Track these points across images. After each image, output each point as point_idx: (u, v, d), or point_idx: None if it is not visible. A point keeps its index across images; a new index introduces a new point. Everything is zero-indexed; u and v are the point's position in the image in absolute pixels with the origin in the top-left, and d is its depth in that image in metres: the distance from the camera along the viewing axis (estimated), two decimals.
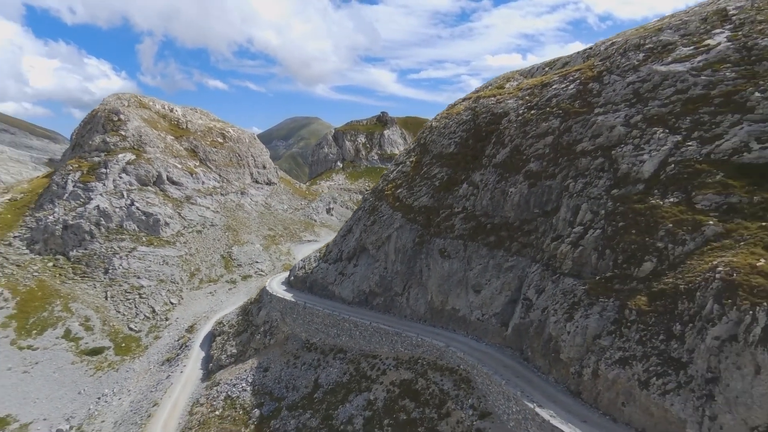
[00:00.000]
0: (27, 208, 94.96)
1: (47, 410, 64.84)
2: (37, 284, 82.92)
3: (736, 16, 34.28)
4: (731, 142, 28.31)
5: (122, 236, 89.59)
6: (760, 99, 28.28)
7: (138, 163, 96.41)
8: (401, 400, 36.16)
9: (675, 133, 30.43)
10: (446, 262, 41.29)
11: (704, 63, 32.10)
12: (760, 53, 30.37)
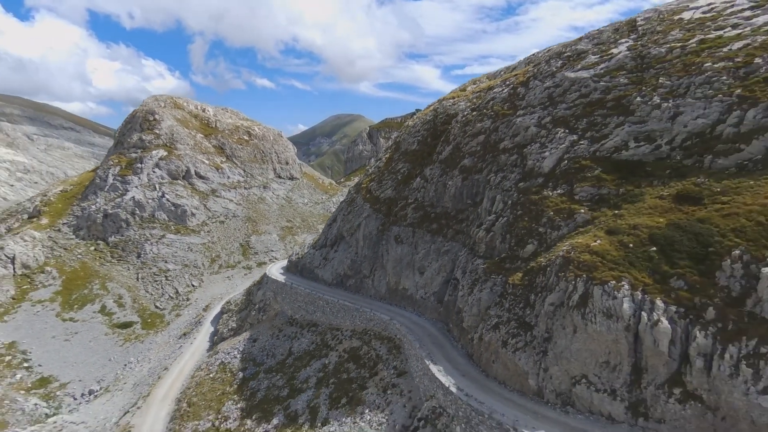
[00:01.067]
0: (75, 198, 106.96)
1: (82, 373, 74.88)
2: (80, 265, 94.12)
3: (641, 26, 37.48)
4: (614, 141, 32.18)
5: (153, 225, 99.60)
6: (640, 103, 31.94)
7: (169, 159, 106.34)
8: (347, 363, 41.92)
9: (573, 132, 34.44)
10: (399, 247, 46.56)
11: (605, 70, 35.71)
12: (650, 61, 33.82)
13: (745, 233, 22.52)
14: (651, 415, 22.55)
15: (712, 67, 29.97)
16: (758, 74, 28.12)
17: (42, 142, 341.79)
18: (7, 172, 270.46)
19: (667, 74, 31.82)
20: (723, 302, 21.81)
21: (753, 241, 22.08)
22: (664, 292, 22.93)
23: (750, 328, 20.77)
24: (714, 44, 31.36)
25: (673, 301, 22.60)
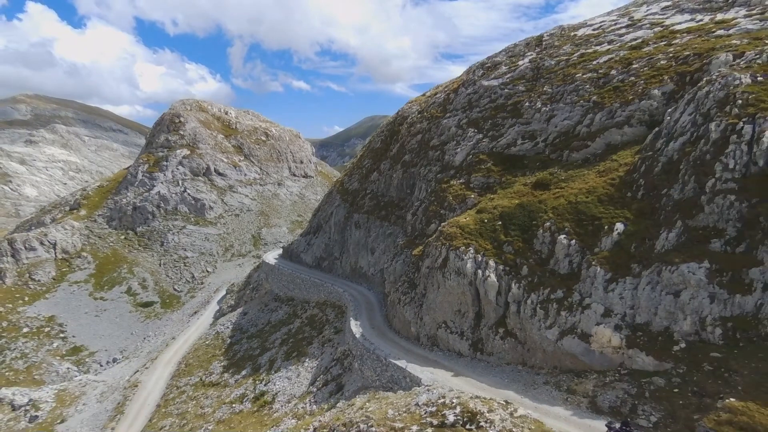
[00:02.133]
0: (110, 193, 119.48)
1: (108, 344, 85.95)
2: (111, 252, 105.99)
3: (546, 41, 43.45)
4: (506, 139, 38.66)
5: (176, 217, 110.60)
6: (528, 107, 38.27)
7: (191, 158, 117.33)
8: (305, 327, 49.79)
9: (480, 132, 41.01)
10: (358, 232, 54.04)
11: (510, 79, 41.99)
12: (542, 72, 39.95)
13: (557, 210, 28.94)
14: (485, 350, 29.28)
15: (581, 78, 36.05)
16: (611, 84, 34.13)
17: (93, 143, 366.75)
18: (61, 171, 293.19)
19: (550, 83, 38.02)
20: (534, 262, 28.36)
21: (560, 216, 28.50)
22: (497, 255, 29.58)
23: (547, 281, 27.29)
24: (588, 58, 37.35)
25: (502, 262, 29.24)
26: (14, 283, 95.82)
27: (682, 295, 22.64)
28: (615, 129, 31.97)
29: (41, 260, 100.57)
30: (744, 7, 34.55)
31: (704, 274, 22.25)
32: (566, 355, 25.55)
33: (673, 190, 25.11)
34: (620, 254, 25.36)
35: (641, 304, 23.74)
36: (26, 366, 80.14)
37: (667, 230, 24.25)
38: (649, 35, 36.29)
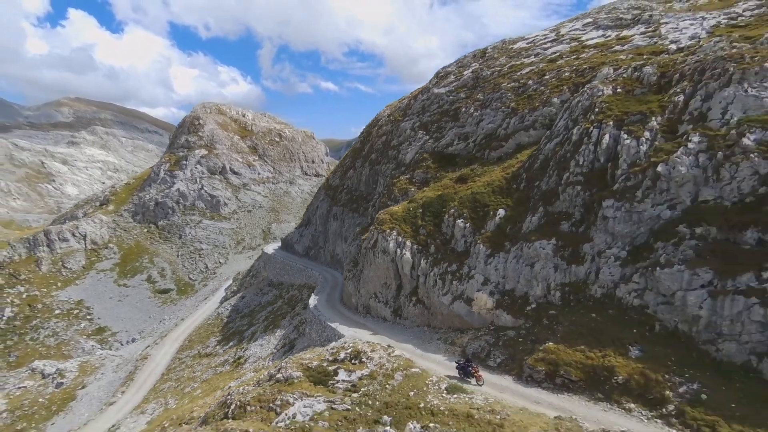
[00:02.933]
0: (135, 189, 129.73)
1: (128, 326, 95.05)
2: (135, 243, 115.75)
3: (489, 54, 48.80)
4: (446, 140, 44.45)
5: (193, 212, 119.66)
6: (464, 112, 43.95)
7: (209, 157, 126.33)
8: (284, 305, 56.65)
9: (428, 134, 46.88)
10: (335, 223, 60.59)
11: (455, 87, 47.63)
12: (479, 81, 45.48)
13: (462, 200, 34.72)
14: (402, 315, 35.33)
15: (506, 86, 41.53)
16: (527, 93, 39.54)
17: (129, 144, 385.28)
18: (100, 170, 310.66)
19: (483, 91, 43.58)
20: (440, 242, 34.25)
21: (462, 204, 34.29)
22: (413, 237, 35.56)
23: (447, 257, 33.16)
24: (515, 69, 42.74)
25: (416, 242, 35.22)
26: (49, 270, 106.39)
27: (536, 266, 28.22)
28: (523, 131, 37.44)
29: (73, 250, 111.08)
30: (644, 24, 39.28)
31: (551, 249, 27.80)
32: (456, 317, 31.39)
33: (542, 182, 30.64)
34: (499, 234, 31.05)
35: (509, 274, 29.40)
36: (57, 343, 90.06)
37: (531, 215, 29.83)
38: (566, 49, 41.39)
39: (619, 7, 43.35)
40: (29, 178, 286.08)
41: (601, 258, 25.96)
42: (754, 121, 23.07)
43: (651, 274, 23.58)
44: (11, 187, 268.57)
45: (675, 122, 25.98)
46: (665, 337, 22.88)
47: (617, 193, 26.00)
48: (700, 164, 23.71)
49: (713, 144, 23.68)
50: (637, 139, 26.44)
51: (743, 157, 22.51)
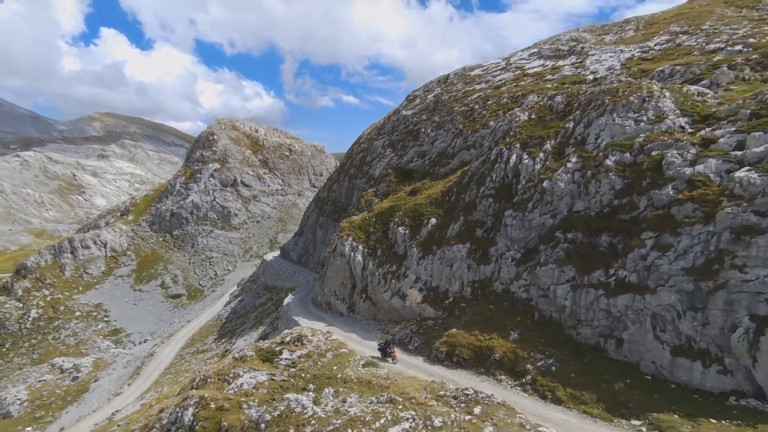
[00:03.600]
0: (153, 201, 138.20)
1: (141, 327, 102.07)
2: (151, 251, 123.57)
3: (450, 79, 54.06)
4: (407, 157, 49.81)
5: (205, 222, 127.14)
6: (423, 132, 49.26)
7: (221, 171, 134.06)
8: (271, 306, 62.33)
9: (394, 151, 52.31)
10: (321, 231, 66.26)
11: (418, 110, 53.01)
12: (438, 104, 50.77)
13: (405, 210, 39.94)
14: (355, 310, 40.54)
15: (457, 110, 46.76)
16: (472, 116, 44.70)
17: (156, 157, 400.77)
18: (128, 182, 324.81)
19: (440, 113, 48.87)
20: (386, 246, 39.48)
21: (405, 214, 39.50)
22: (365, 242, 40.87)
23: (390, 259, 38.36)
24: (467, 94, 47.96)
25: (367, 247, 40.52)
26: (72, 275, 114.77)
27: (454, 266, 33.22)
28: (466, 150, 42.54)
29: (94, 257, 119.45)
30: (575, 56, 44.06)
31: (466, 252, 32.79)
32: (394, 310, 36.48)
33: (466, 195, 35.69)
34: (429, 240, 36.14)
35: (435, 273, 34.44)
36: (76, 342, 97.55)
37: (454, 223, 34.88)
38: (510, 77, 46.43)
39: (561, 39, 48.24)
40: (61, 189, 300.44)
41: (502, 259, 30.84)
42: (616, 145, 27.83)
43: (534, 272, 28.40)
44: (44, 199, 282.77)
45: (563, 145, 30.86)
46: (542, 323, 27.62)
47: (516, 205, 30.94)
48: (575, 181, 28.53)
49: (585, 164, 28.50)
50: (534, 159, 31.39)
51: (605, 175, 27.28)
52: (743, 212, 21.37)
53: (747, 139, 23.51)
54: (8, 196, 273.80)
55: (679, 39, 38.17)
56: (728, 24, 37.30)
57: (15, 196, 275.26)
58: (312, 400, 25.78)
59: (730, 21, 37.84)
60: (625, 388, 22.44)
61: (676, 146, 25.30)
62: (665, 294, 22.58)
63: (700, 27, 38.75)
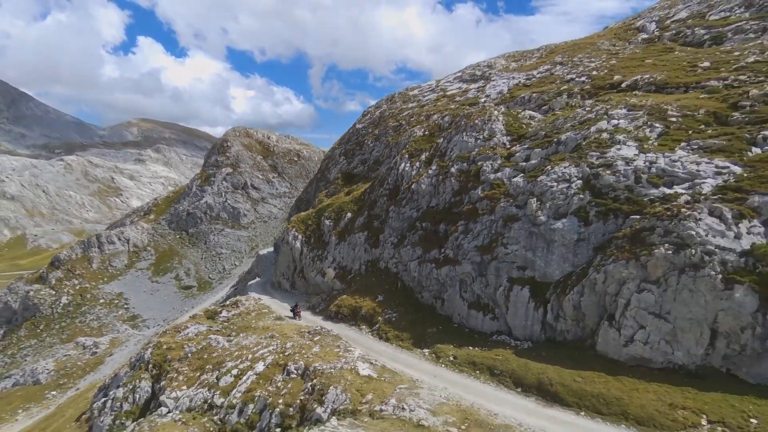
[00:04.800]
0: (172, 201, 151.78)
1: (156, 314, 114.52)
2: (168, 248, 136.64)
3: (395, 98, 63.28)
4: (354, 163, 59.31)
5: (217, 222, 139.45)
6: (366, 143, 58.72)
7: (233, 175, 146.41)
8: None
9: (346, 159, 61.88)
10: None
11: (368, 123, 62.43)
12: (380, 119, 60.09)
13: (333, 206, 49.56)
14: (295, 286, 50.39)
15: (390, 125, 56.09)
16: (399, 130, 53.97)
17: (189, 161, 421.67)
18: (162, 185, 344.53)
19: (379, 127, 58.28)
20: (317, 236, 49.21)
21: (332, 209, 49.11)
22: (304, 232, 50.70)
23: (319, 246, 48.09)
24: (400, 112, 57.20)
25: (305, 236, 50.33)
26: (98, 268, 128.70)
27: (356, 250, 42.68)
28: (389, 158, 51.87)
29: (118, 251, 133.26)
30: (483, 80, 52.67)
31: (364, 239, 42.21)
32: (318, 285, 46.15)
33: (372, 194, 45.11)
34: (344, 230, 45.70)
35: (345, 256, 43.96)
36: (99, 325, 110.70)
37: (361, 216, 44.34)
38: (434, 98, 55.35)
39: (480, 65, 56.88)
40: (101, 192, 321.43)
41: (385, 244, 40.13)
42: (460, 157, 36.82)
43: (400, 252, 37.63)
44: (85, 201, 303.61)
45: (433, 156, 39.97)
46: (402, 290, 36.80)
47: (397, 202, 40.23)
48: (433, 184, 37.65)
49: (440, 171, 37.58)
50: (413, 167, 40.63)
51: (449, 179, 36.31)
52: (510, 206, 30.21)
53: (531, 154, 32.25)
54: (52, 197, 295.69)
55: (554, 69, 46.23)
56: (591, 57, 45.20)
57: (58, 197, 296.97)
58: (227, 340, 35.84)
59: (594, 55, 45.68)
60: (435, 332, 31.46)
61: (491, 158, 34.18)
62: (466, 265, 31.53)
63: (572, 59, 46.72)
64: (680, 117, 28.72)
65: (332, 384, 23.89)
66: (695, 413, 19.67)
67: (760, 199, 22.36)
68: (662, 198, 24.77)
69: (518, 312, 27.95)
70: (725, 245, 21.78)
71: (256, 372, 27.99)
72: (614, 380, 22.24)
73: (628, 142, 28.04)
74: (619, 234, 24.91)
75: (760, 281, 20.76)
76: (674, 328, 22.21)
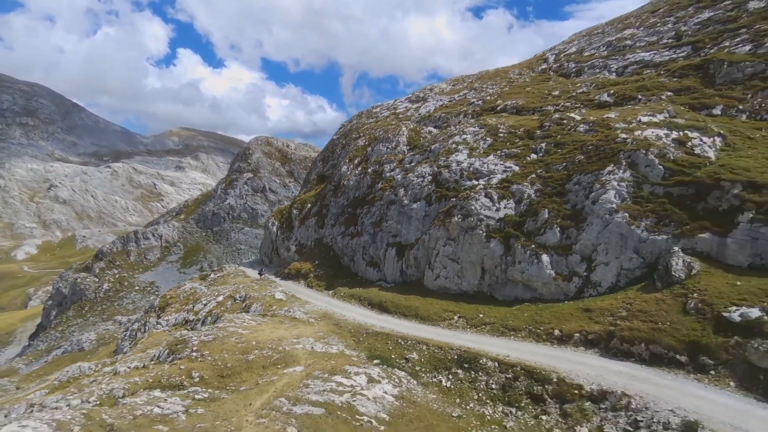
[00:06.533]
0: (201, 203, 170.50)
1: None
2: (195, 243, 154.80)
3: (363, 114, 77.29)
4: (327, 167, 73.83)
5: (238, 221, 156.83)
6: (337, 152, 73.07)
7: (253, 179, 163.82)
8: None
9: (323, 164, 76.44)
10: None
11: (341, 135, 76.69)
12: (349, 132, 74.24)
13: (302, 200, 64.18)
14: (272, 263, 65.16)
15: (352, 136, 70.18)
16: (356, 146, 68.04)
17: (225, 168, 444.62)
18: (200, 191, 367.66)
19: (347, 138, 72.42)
20: (288, 223, 63.94)
21: (299, 202, 63.76)
22: (280, 220, 65.45)
23: (288, 230, 62.81)
24: (363, 125, 71.25)
25: (280, 223, 65.06)
26: (135, 260, 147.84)
27: (309, 231, 57.06)
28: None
29: (152, 246, 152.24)
30: (422, 101, 66.12)
31: (314, 222, 56.58)
32: (285, 259, 60.74)
33: (325, 189, 59.42)
34: (304, 217, 60.14)
35: (303, 236, 58.38)
36: (133, 308, 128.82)
37: (315, 206, 58.71)
38: (387, 114, 69.08)
39: (425, 88, 70.35)
40: (143, 197, 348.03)
41: (327, 225, 54.36)
42: (375, 161, 50.70)
43: (333, 230, 51.81)
44: (129, 205, 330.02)
45: (362, 161, 54.02)
46: (333, 257, 50.84)
47: (336, 194, 54.45)
48: (358, 180, 51.67)
49: (363, 171, 51.59)
50: (349, 168, 54.80)
51: (367, 176, 50.24)
52: (391, 194, 44.01)
53: (414, 158, 45.97)
54: (100, 202, 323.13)
55: (469, 93, 59.08)
56: (494, 84, 57.88)
57: (105, 202, 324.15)
58: (208, 289, 50.85)
59: (498, 82, 58.26)
60: (343, 281, 45.36)
61: (391, 162, 48.03)
62: (366, 236, 45.44)
63: (483, 85, 59.42)
64: (506, 133, 41.85)
65: (255, 302, 38.35)
66: (454, 313, 33.00)
67: (516, 187, 35.51)
68: (470, 187, 38.13)
69: (389, 265, 41.69)
70: (490, 215, 35.06)
71: (216, 301, 42.82)
72: (422, 300, 35.72)
73: (464, 150, 41.43)
74: (442, 210, 38.41)
75: (505, 236, 33.98)
76: (461, 268, 35.54)
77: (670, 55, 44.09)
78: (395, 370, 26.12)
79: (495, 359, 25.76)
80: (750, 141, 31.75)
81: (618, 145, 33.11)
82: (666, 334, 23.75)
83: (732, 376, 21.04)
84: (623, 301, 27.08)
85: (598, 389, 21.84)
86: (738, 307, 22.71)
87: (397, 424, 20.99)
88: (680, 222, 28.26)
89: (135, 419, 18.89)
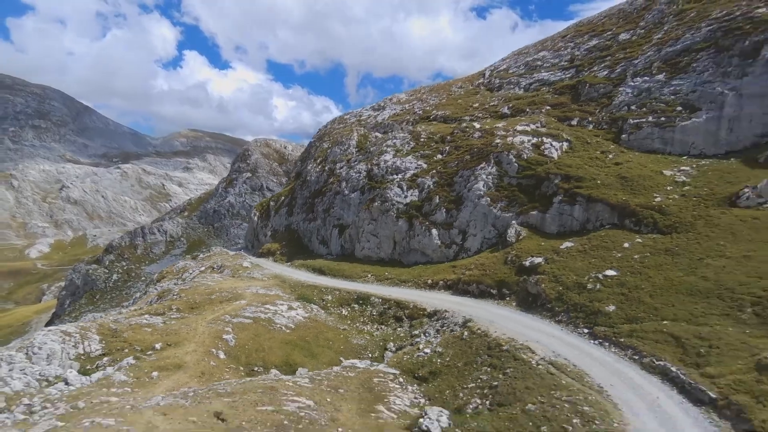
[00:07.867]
0: (203, 201, 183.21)
1: None
2: (197, 238, 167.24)
3: (336, 120, 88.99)
4: (304, 165, 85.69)
5: (237, 217, 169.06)
6: (311, 152, 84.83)
7: (252, 179, 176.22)
8: None
9: (302, 163, 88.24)
10: None
11: (316, 138, 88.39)
12: (323, 135, 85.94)
13: (278, 194, 76.05)
14: (254, 247, 77.04)
15: (325, 139, 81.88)
16: (321, 148, 79.74)
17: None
18: (206, 192, 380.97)
19: (322, 140, 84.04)
20: (266, 213, 75.80)
21: (275, 196, 75.61)
22: (260, 212, 77.33)
23: (266, 219, 74.73)
24: (334, 130, 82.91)
25: (260, 214, 76.97)
26: (141, 253, 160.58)
27: (281, 218, 68.85)
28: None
29: (158, 241, 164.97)
30: (381, 110, 77.64)
31: (285, 212, 68.35)
32: (262, 243, 72.52)
33: (296, 184, 71.15)
34: (278, 207, 71.96)
35: (277, 223, 70.15)
36: (140, 296, 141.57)
37: (287, 198, 70.49)
38: (353, 120, 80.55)
39: (385, 98, 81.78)
40: (152, 197, 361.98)
41: (294, 213, 66.03)
42: (333, 160, 62.34)
43: (298, 217, 63.53)
44: (138, 205, 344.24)
45: (323, 160, 65.62)
46: (297, 239, 62.51)
47: (302, 188, 66.13)
48: (318, 175, 63.31)
49: (322, 168, 63.24)
50: (313, 166, 66.46)
51: (324, 174, 61.90)
52: (336, 186, 55.62)
53: (359, 158, 57.50)
54: (110, 202, 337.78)
55: (416, 104, 70.25)
56: (436, 96, 69.01)
57: (115, 202, 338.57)
58: (199, 264, 62.80)
59: (440, 95, 69.33)
60: (301, 256, 57.00)
61: (342, 161, 59.63)
62: (318, 221, 57.04)
63: (428, 97, 70.54)
64: (426, 138, 53.33)
65: (226, 268, 50.22)
66: (369, 273, 44.54)
67: (420, 180, 47.02)
68: (389, 180, 49.66)
69: (333, 242, 53.35)
70: (400, 200, 46.58)
71: (199, 270, 54.70)
72: (350, 265, 47.31)
73: (391, 152, 52.98)
74: (369, 198, 49.96)
75: (409, 216, 45.50)
76: (380, 241, 47.09)
77: (561, 75, 55.29)
78: (311, 305, 37.80)
79: (380, 297, 37.38)
80: (587, 145, 42.99)
81: (492, 148, 44.54)
82: (488, 277, 35.22)
83: (516, 299, 32.44)
84: (476, 260, 38.54)
85: (432, 310, 33.32)
86: (533, 257, 33.98)
87: (299, 329, 32.67)
88: (521, 203, 39.69)
89: (130, 326, 30.73)
